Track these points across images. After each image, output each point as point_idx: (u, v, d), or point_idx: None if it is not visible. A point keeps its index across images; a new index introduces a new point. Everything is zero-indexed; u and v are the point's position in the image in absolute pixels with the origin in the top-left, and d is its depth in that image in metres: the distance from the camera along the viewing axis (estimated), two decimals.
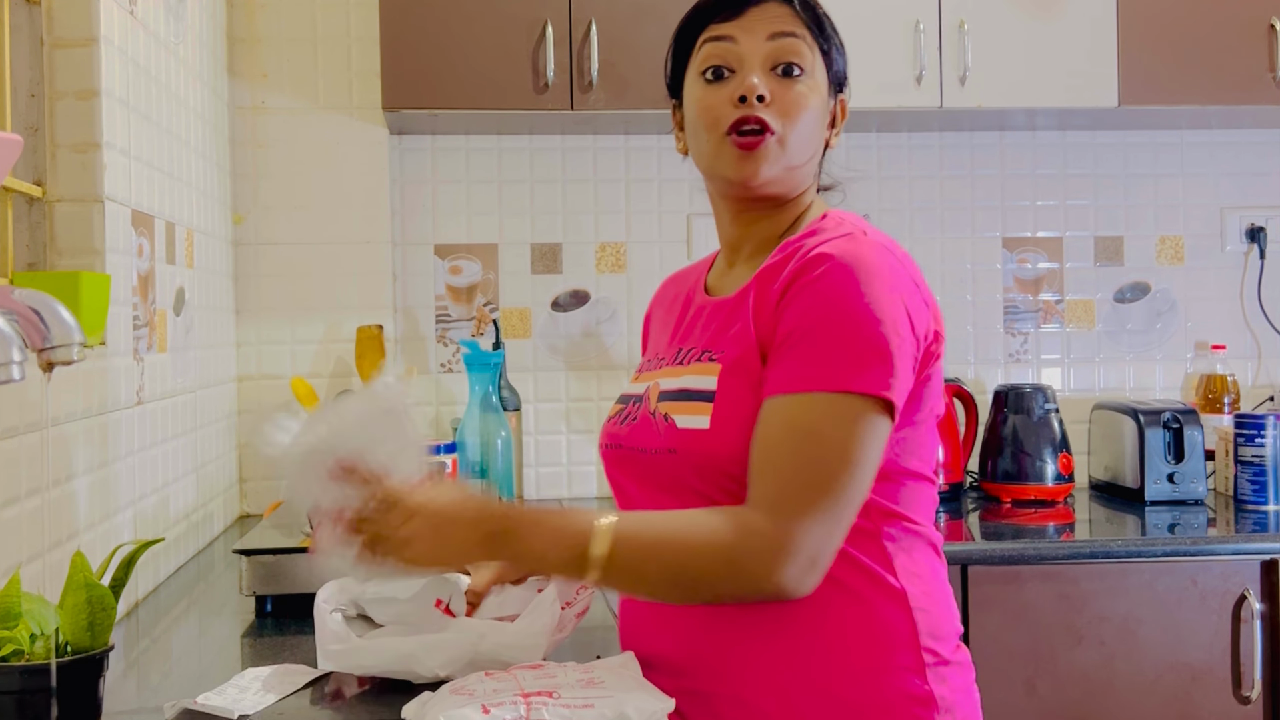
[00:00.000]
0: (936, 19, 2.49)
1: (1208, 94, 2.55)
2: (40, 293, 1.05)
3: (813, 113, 1.26)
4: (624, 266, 2.82)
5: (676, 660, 1.24)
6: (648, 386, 1.31)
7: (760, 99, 1.23)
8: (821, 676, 1.18)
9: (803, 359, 1.14)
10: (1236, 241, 2.93)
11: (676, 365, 1.29)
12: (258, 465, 2.61)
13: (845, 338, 1.13)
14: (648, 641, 1.27)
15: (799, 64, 1.25)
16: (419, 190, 2.77)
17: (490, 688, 1.05)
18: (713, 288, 1.37)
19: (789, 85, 1.25)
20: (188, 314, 2.12)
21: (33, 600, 1.12)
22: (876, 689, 1.18)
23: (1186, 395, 2.86)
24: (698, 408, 1.20)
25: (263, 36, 2.62)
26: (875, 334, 1.13)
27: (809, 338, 1.14)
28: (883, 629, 1.19)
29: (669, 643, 1.24)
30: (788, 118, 1.24)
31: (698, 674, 1.22)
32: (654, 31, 2.42)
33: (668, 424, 1.23)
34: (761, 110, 1.23)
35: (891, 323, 1.14)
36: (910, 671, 1.18)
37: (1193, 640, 2.18)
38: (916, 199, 2.88)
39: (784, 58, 1.25)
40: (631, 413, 1.31)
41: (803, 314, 1.15)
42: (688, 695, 1.21)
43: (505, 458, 2.53)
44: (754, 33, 1.25)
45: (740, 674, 1.20)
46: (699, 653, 1.22)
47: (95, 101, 1.63)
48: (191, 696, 1.22)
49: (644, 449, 1.26)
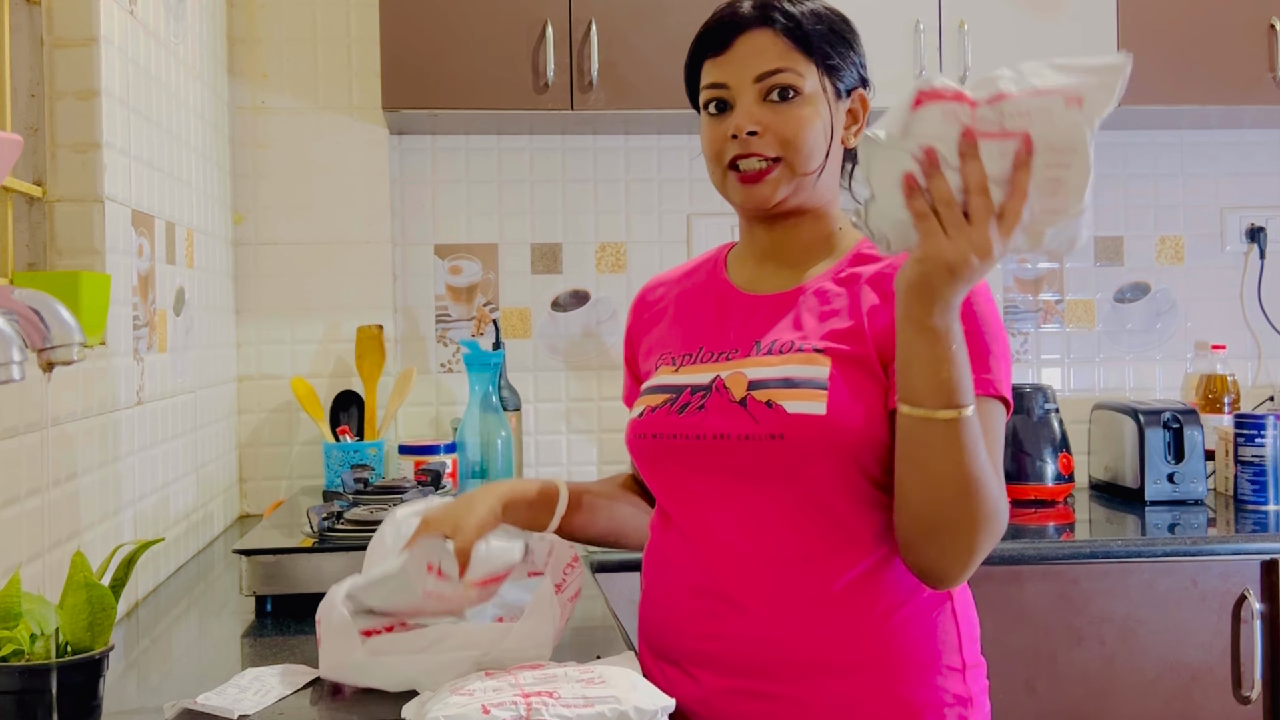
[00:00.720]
0: (936, 19, 2.49)
1: (1208, 94, 2.55)
2: (40, 293, 1.05)
3: (813, 130, 1.29)
4: (624, 266, 2.82)
5: (733, 661, 1.24)
6: (718, 375, 1.30)
7: (753, 134, 1.28)
8: (883, 679, 1.22)
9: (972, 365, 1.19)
10: (1236, 241, 2.93)
11: (762, 355, 1.29)
12: (258, 465, 2.61)
13: (988, 345, 1.24)
14: (698, 640, 1.27)
15: (792, 87, 1.29)
16: (419, 190, 2.77)
17: (490, 687, 1.05)
18: (746, 286, 1.38)
19: (784, 110, 1.29)
20: (188, 314, 2.12)
21: (33, 600, 1.11)
22: (930, 690, 1.23)
23: (1186, 395, 2.86)
24: (811, 394, 1.22)
25: (263, 36, 2.62)
26: (1004, 339, 1.28)
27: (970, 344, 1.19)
28: (938, 632, 1.24)
29: (727, 643, 1.24)
30: (787, 142, 1.28)
31: (757, 675, 1.23)
32: (654, 31, 2.43)
33: (771, 410, 1.23)
34: (756, 144, 1.28)
35: (1003, 329, 1.28)
36: (956, 672, 1.25)
37: (1193, 640, 2.18)
38: None
39: (775, 90, 1.29)
40: (694, 401, 1.29)
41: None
42: (741, 696, 1.23)
43: (505, 458, 2.53)
44: (742, 74, 1.30)
45: (804, 676, 1.22)
46: (762, 655, 1.23)
47: (95, 101, 1.63)
48: (191, 696, 1.22)
49: (726, 435, 1.25)
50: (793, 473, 1.22)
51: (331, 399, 2.60)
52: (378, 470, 2.46)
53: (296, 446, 2.62)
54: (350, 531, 1.72)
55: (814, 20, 1.31)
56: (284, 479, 2.61)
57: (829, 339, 1.26)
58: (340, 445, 2.49)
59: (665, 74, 2.41)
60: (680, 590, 1.30)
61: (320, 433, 2.56)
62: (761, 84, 1.29)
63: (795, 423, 1.21)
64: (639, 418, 1.34)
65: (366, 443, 2.51)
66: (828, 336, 1.26)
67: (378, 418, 2.59)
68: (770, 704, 1.22)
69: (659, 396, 1.33)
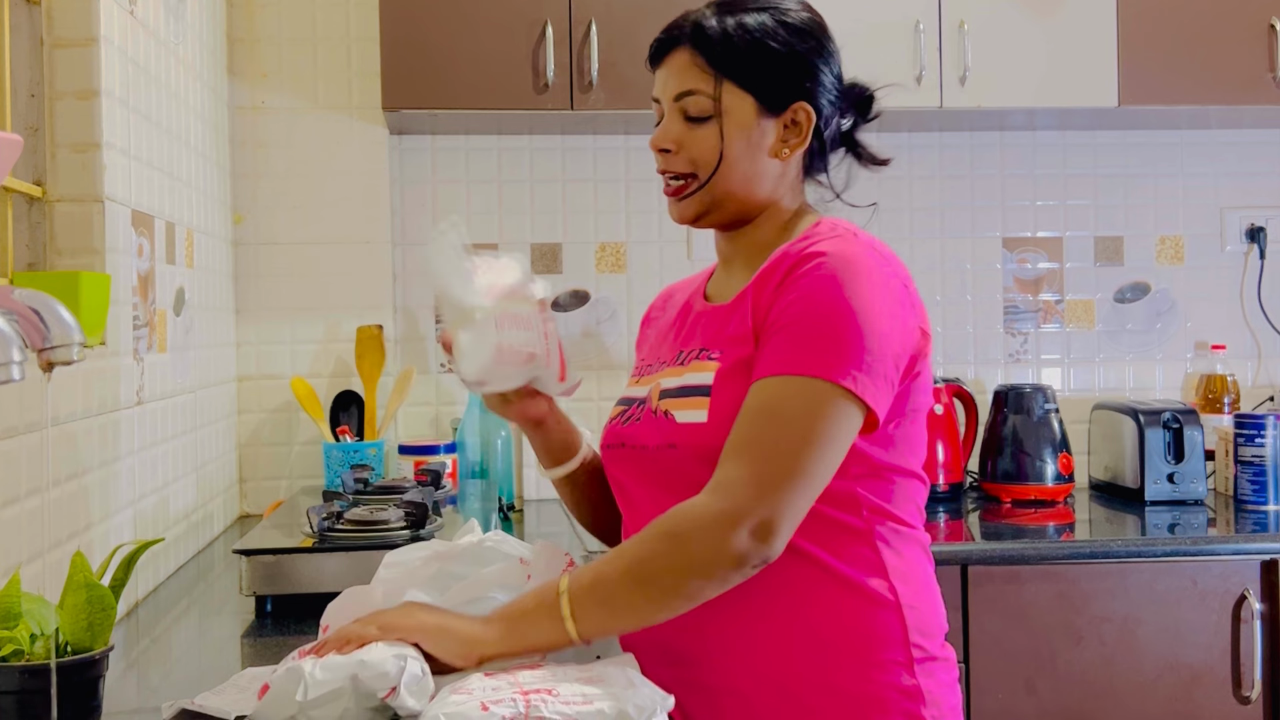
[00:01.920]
0: (936, 19, 2.49)
1: (1208, 94, 2.55)
2: (40, 293, 1.05)
3: (729, 150, 1.31)
4: (624, 266, 2.82)
5: (678, 651, 1.27)
6: (650, 387, 1.36)
7: (666, 150, 1.33)
8: (818, 669, 1.23)
9: (780, 347, 1.20)
10: (1236, 241, 2.93)
11: (677, 365, 1.34)
12: (258, 465, 2.61)
13: (821, 329, 1.18)
14: (648, 632, 1.28)
15: (700, 113, 1.32)
16: (419, 190, 2.77)
17: (489, 686, 1.05)
18: (711, 295, 1.42)
19: (693, 130, 1.32)
20: (188, 314, 2.12)
21: (33, 600, 1.11)
22: (870, 681, 1.23)
23: (1186, 395, 2.86)
24: (696, 403, 1.25)
25: (262, 36, 2.62)
26: (852, 328, 1.18)
27: (789, 328, 1.19)
28: (876, 625, 1.24)
29: (670, 633, 1.25)
30: (695, 161, 1.32)
31: (699, 665, 1.26)
32: (654, 31, 2.41)
33: (668, 419, 1.28)
34: (671, 162, 1.33)
35: (871, 320, 1.18)
36: (901, 666, 1.24)
37: (1193, 640, 2.18)
38: (916, 199, 2.88)
39: (688, 111, 1.32)
40: (635, 413, 1.36)
41: (787, 307, 1.21)
42: (687, 687, 1.24)
43: (505, 458, 2.53)
44: (667, 89, 1.34)
45: (740, 666, 1.24)
46: (700, 645, 1.26)
47: (95, 101, 1.63)
48: (191, 696, 1.22)
49: (645, 445, 1.31)
50: (690, 479, 1.22)
51: (331, 399, 2.60)
52: (378, 470, 2.46)
53: (296, 446, 2.62)
54: (350, 531, 1.72)
55: (741, 36, 1.30)
56: (284, 479, 2.61)
57: (721, 344, 1.29)
58: (340, 445, 2.49)
59: None
60: None
61: (320, 433, 2.56)
62: (678, 104, 1.33)
63: (683, 431, 1.26)
64: (606, 426, 1.41)
65: (366, 443, 2.51)
66: (721, 341, 1.29)
67: (378, 418, 2.59)
68: (713, 695, 1.25)
69: (618, 408, 1.41)
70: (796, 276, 1.22)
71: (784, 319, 1.20)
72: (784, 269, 1.24)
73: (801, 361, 1.17)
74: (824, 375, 1.16)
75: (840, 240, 1.24)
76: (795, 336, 1.19)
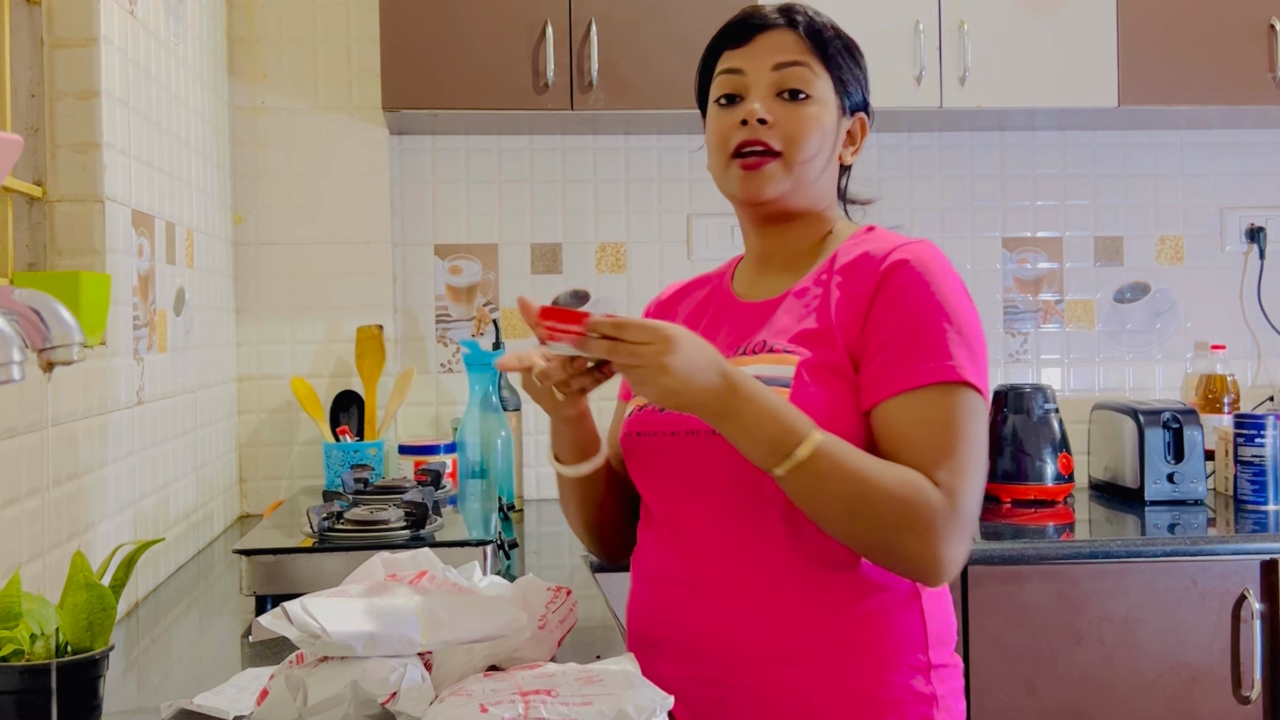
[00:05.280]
0: (936, 19, 2.49)
1: (1208, 94, 2.55)
2: (40, 293, 1.05)
3: (819, 133, 1.32)
4: (624, 266, 2.82)
5: (693, 647, 1.27)
6: None
7: (762, 122, 1.30)
8: (838, 672, 1.23)
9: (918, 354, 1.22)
10: (1236, 241, 2.93)
11: (739, 356, 1.32)
12: (258, 465, 2.61)
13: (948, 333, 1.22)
14: (663, 627, 1.30)
15: (803, 89, 1.32)
16: (419, 190, 2.77)
17: (489, 688, 1.05)
18: (744, 293, 1.42)
19: (793, 108, 1.32)
20: (188, 314, 2.12)
21: (33, 600, 1.11)
22: (887, 686, 1.24)
23: (1186, 395, 2.86)
24: (777, 392, 1.23)
25: (263, 36, 2.62)
26: (972, 327, 1.25)
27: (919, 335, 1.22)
28: (898, 630, 1.25)
29: (689, 630, 1.27)
30: (791, 139, 1.31)
31: (715, 662, 1.26)
32: (654, 31, 2.43)
33: None
34: (764, 133, 1.31)
35: (973, 318, 1.26)
36: (918, 671, 1.25)
37: (1193, 640, 2.18)
38: (916, 199, 2.88)
39: (788, 84, 1.32)
40: None
41: (908, 315, 1.23)
42: (697, 684, 1.25)
43: (505, 458, 2.53)
44: (760, 62, 1.33)
45: (760, 666, 1.24)
46: (721, 642, 1.26)
47: (95, 101, 1.63)
48: (191, 696, 1.22)
49: (696, 431, 1.28)
50: (741, 467, 1.22)
51: (331, 399, 2.60)
52: (378, 470, 2.46)
53: (296, 446, 2.62)
54: (350, 531, 1.72)
55: (833, 33, 1.36)
56: (284, 479, 2.62)
57: (799, 339, 1.28)
58: (340, 445, 2.49)
59: (665, 74, 2.41)
60: (650, 578, 1.35)
61: (320, 433, 2.56)
62: (778, 73, 1.32)
63: None
64: (629, 416, 1.39)
65: (366, 443, 2.51)
66: (798, 337, 1.29)
67: (378, 418, 2.59)
68: (725, 692, 1.25)
69: (641, 399, 1.38)
70: (900, 284, 1.24)
71: (910, 325, 1.23)
72: (873, 274, 1.26)
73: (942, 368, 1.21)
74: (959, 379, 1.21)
75: (921, 245, 1.28)
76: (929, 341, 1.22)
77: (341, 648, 1.04)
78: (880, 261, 1.27)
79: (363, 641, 1.04)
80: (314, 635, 1.03)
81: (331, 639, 1.03)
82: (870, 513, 1.16)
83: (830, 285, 1.30)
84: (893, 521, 1.16)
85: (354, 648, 1.04)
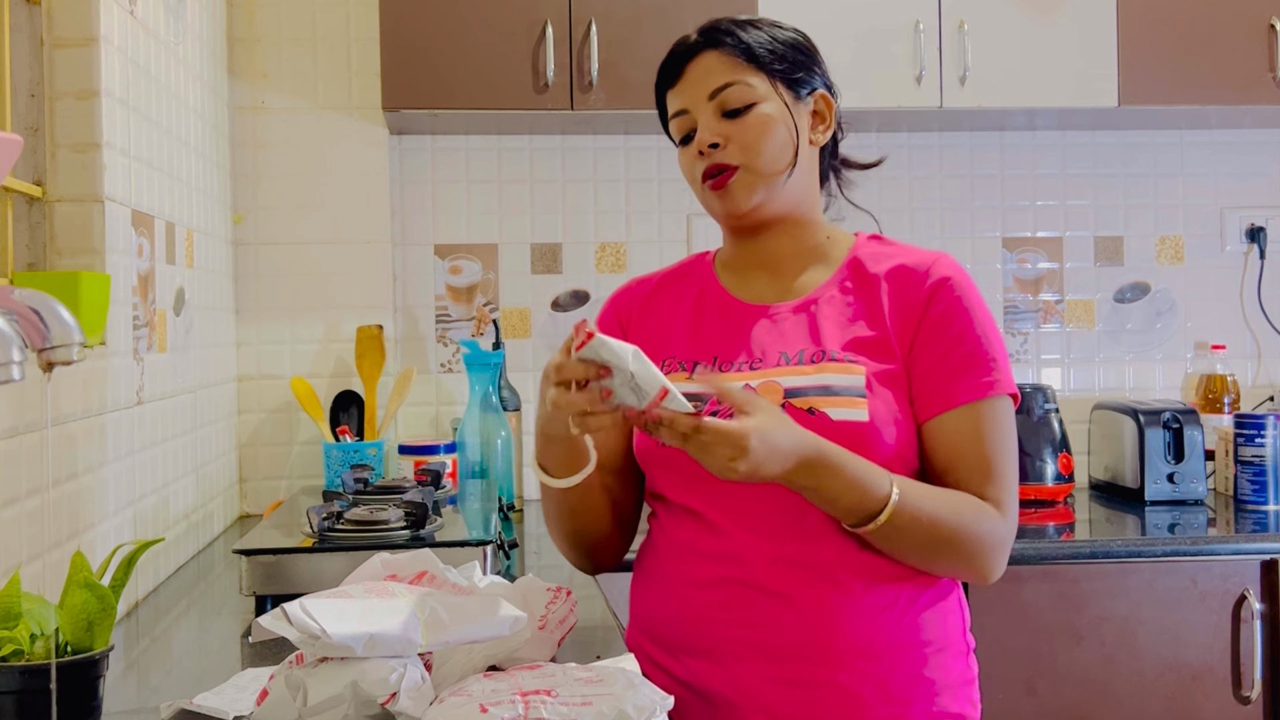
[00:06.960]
0: (936, 19, 2.49)
1: (1208, 94, 2.55)
2: (40, 293, 1.05)
3: (772, 134, 1.36)
4: (624, 266, 2.82)
5: (777, 648, 1.29)
6: (745, 384, 1.31)
7: (714, 145, 1.36)
8: (912, 662, 1.31)
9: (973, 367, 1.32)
10: (1236, 241, 2.93)
11: (796, 365, 1.33)
12: (258, 465, 2.61)
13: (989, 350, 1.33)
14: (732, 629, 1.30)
15: (741, 104, 1.36)
16: (419, 190, 2.77)
17: (488, 688, 1.05)
18: (740, 293, 1.43)
19: (739, 123, 1.36)
20: (188, 314, 2.12)
21: (33, 600, 1.11)
22: (947, 670, 1.33)
23: (1186, 395, 2.86)
24: (852, 402, 1.29)
25: (263, 36, 2.62)
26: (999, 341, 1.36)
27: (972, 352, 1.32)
28: (951, 618, 1.36)
29: (767, 632, 1.29)
30: (746, 148, 1.36)
31: (797, 662, 1.28)
32: (654, 31, 2.43)
33: (814, 416, 1.29)
34: (719, 156, 1.36)
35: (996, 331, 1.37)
36: (963, 654, 1.37)
37: (1193, 640, 2.18)
38: (916, 199, 2.88)
39: (727, 105, 1.37)
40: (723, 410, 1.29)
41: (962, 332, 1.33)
42: (779, 684, 1.28)
43: (505, 458, 2.53)
44: (696, 94, 1.38)
45: (848, 662, 1.28)
46: (802, 641, 1.28)
47: (95, 101, 1.63)
48: (190, 696, 1.22)
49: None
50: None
51: (331, 399, 2.60)
52: (378, 470, 2.46)
53: (296, 446, 2.62)
54: (350, 532, 1.72)
55: (759, 35, 1.39)
56: (284, 479, 2.61)
57: (854, 347, 1.33)
58: (340, 445, 2.49)
59: None
60: (707, 584, 1.33)
61: (320, 433, 2.56)
62: (716, 99, 1.36)
63: (839, 429, 1.27)
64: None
65: (366, 443, 2.51)
66: (853, 346, 1.33)
67: (378, 418, 2.59)
68: (811, 690, 1.28)
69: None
70: (948, 303, 1.33)
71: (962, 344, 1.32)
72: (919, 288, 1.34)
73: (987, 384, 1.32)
74: (1004, 391, 1.32)
75: (948, 259, 1.38)
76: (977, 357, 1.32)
77: (341, 648, 1.04)
78: (924, 277, 1.34)
79: (362, 642, 1.04)
80: (313, 636, 1.03)
81: (331, 640, 1.03)
82: (949, 551, 1.29)
83: (879, 286, 1.35)
84: (968, 551, 1.29)
85: (354, 648, 1.04)
